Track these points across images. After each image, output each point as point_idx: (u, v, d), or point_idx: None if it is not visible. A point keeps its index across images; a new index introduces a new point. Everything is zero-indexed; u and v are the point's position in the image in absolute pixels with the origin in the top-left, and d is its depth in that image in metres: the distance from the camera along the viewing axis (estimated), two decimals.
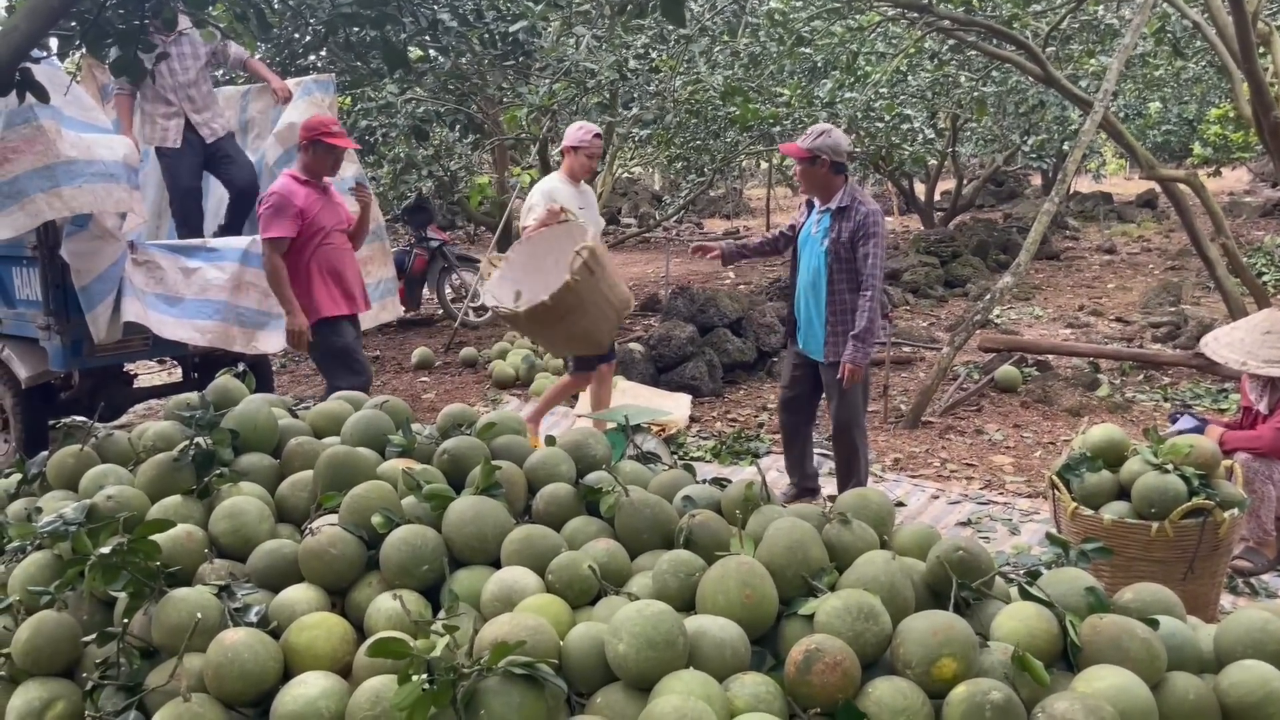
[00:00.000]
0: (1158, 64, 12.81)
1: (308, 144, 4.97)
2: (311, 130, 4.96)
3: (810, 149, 4.54)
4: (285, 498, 2.57)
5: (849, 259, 4.57)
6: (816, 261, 4.67)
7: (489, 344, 8.85)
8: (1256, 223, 16.47)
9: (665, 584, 2.14)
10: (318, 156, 4.98)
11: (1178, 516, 3.37)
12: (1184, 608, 2.23)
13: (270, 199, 4.85)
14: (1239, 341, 4.18)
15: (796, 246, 4.86)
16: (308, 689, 1.91)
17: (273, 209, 4.83)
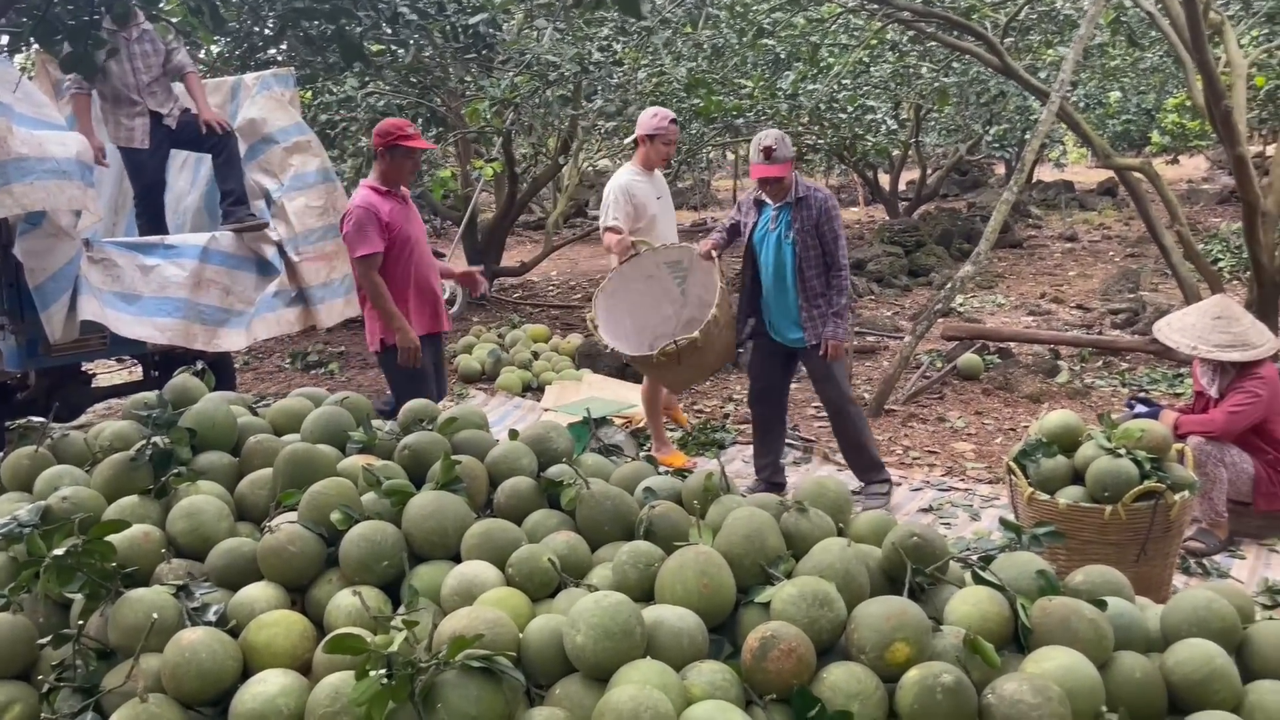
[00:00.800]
0: (1115, 54, 12.95)
1: (384, 150, 4.61)
2: (387, 135, 4.61)
3: (786, 160, 4.65)
4: (244, 496, 2.56)
5: (815, 245, 4.70)
6: (782, 256, 4.76)
7: (454, 338, 8.81)
8: (1213, 209, 16.73)
9: (625, 575, 2.15)
10: (396, 163, 4.64)
11: (1130, 500, 3.44)
12: (1134, 589, 2.27)
13: (352, 215, 4.55)
14: (1190, 327, 4.26)
15: (752, 247, 4.92)
16: (267, 687, 1.91)
17: (356, 226, 4.52)
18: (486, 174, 8.07)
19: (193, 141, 5.88)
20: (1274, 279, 6.45)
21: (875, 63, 10.62)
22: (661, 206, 5.44)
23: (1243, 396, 4.13)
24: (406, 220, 4.69)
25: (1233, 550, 4.22)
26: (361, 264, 4.55)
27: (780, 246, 4.77)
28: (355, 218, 4.53)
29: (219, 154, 5.79)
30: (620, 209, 5.31)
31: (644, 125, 5.36)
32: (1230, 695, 1.96)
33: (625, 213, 5.31)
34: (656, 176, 5.51)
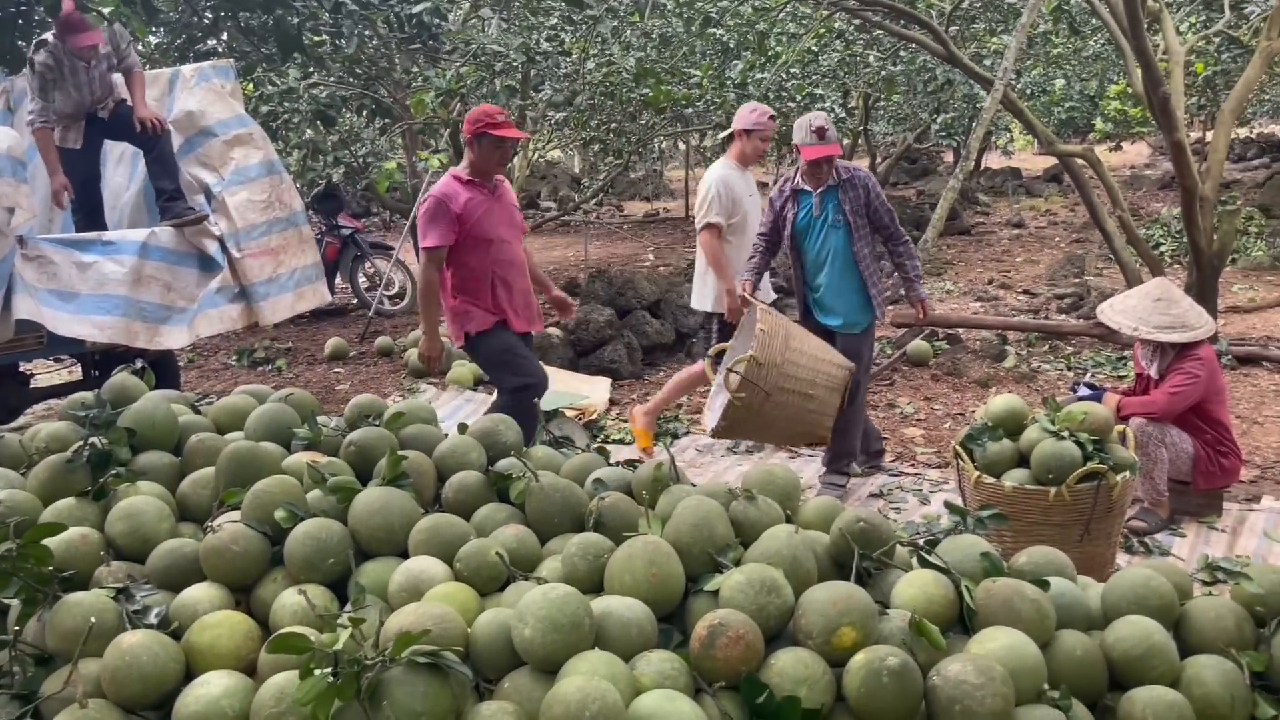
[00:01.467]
0: (1058, 42, 13.16)
1: (472, 139, 4.40)
2: (476, 123, 4.38)
3: (837, 140, 4.69)
4: (186, 496, 2.51)
5: (866, 224, 4.75)
6: (832, 240, 4.77)
7: (404, 333, 8.74)
8: (1155, 195, 17.06)
9: (574, 567, 2.15)
10: (483, 152, 4.42)
11: (1073, 481, 3.51)
12: (1077, 569, 2.31)
13: (426, 203, 4.38)
14: (1132, 309, 4.34)
15: (794, 237, 4.87)
16: (210, 689, 1.88)
17: (428, 214, 4.34)
18: (433, 165, 7.99)
19: (125, 134, 5.76)
20: (1212, 262, 6.59)
21: (823, 52, 10.68)
22: (752, 204, 5.34)
23: (1182, 378, 4.22)
24: (488, 213, 4.46)
25: (1174, 529, 4.31)
26: (424, 255, 4.40)
27: (829, 232, 4.77)
28: (428, 207, 4.38)
29: (150, 150, 5.66)
30: (720, 204, 5.18)
31: (742, 120, 5.24)
32: (1168, 670, 2.00)
33: (724, 208, 5.19)
34: (748, 173, 5.40)
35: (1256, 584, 2.17)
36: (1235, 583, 2.22)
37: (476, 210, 4.40)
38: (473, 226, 4.40)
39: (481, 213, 4.42)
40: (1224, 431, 4.33)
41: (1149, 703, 1.92)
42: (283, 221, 6.03)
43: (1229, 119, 7.05)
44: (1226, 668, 2.00)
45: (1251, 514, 4.42)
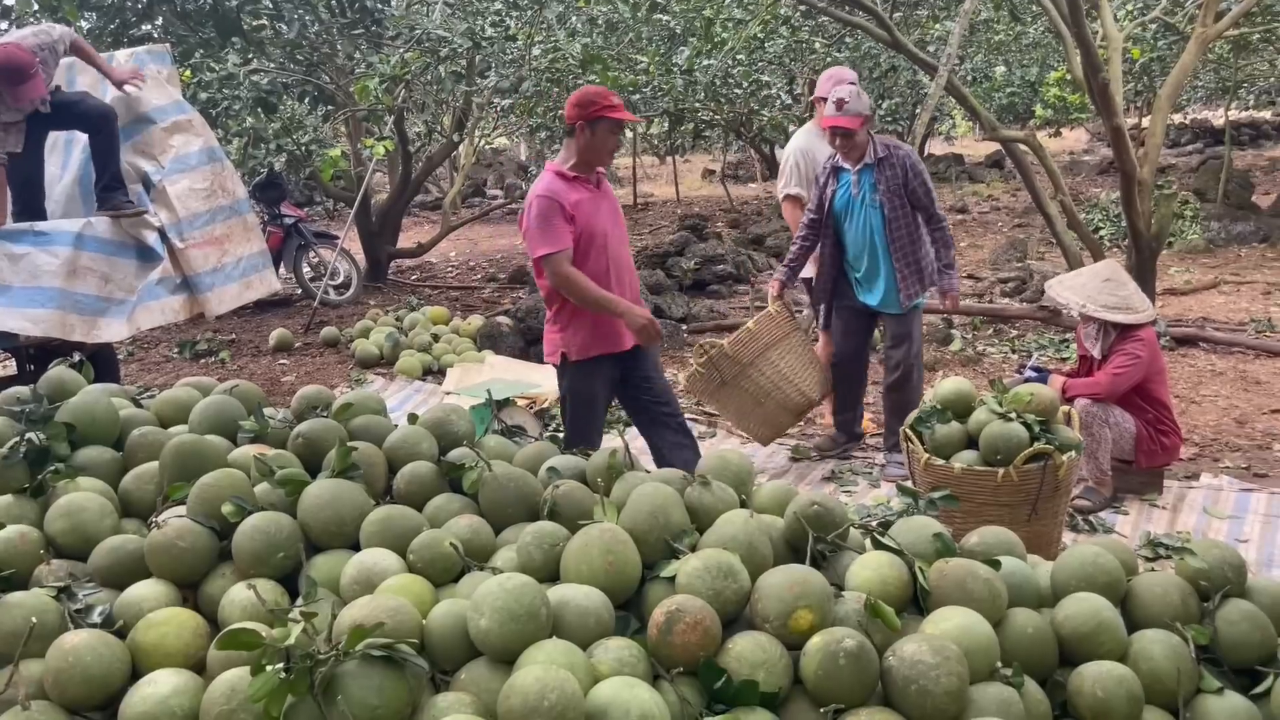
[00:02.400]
0: (1000, 29, 13.32)
1: (585, 124, 3.76)
2: (589, 105, 3.75)
3: (859, 115, 4.57)
4: (130, 492, 2.45)
5: (904, 204, 4.69)
6: (870, 221, 4.74)
7: (350, 323, 8.63)
8: (1094, 180, 17.39)
9: (529, 556, 2.13)
10: (599, 140, 3.80)
11: (1021, 461, 3.56)
12: (1026, 547, 2.35)
13: (532, 207, 3.76)
14: (1081, 286, 4.42)
15: (833, 217, 4.84)
16: (158, 688, 1.83)
17: (540, 219, 3.75)
18: (378, 153, 7.88)
19: (70, 121, 5.55)
20: (1150, 245, 6.73)
21: (769, 38, 10.69)
22: None
23: (1124, 359, 4.30)
24: (596, 211, 3.87)
25: (1117, 506, 4.40)
26: (548, 265, 3.75)
27: (867, 212, 4.74)
28: (537, 209, 3.75)
29: (99, 131, 5.42)
30: (799, 175, 5.09)
31: (821, 87, 5.14)
32: (1116, 646, 2.04)
33: (805, 178, 5.09)
34: None
35: (1200, 559, 2.21)
36: (1179, 558, 2.27)
37: (586, 209, 3.83)
38: (584, 228, 3.82)
39: (591, 211, 3.85)
40: (1164, 411, 4.43)
41: (1098, 677, 1.95)
42: (226, 210, 5.91)
43: (1166, 105, 7.19)
44: (1173, 642, 2.04)
45: (1191, 491, 4.53)
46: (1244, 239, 10.97)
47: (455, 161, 14.44)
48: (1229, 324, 7.47)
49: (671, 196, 18.75)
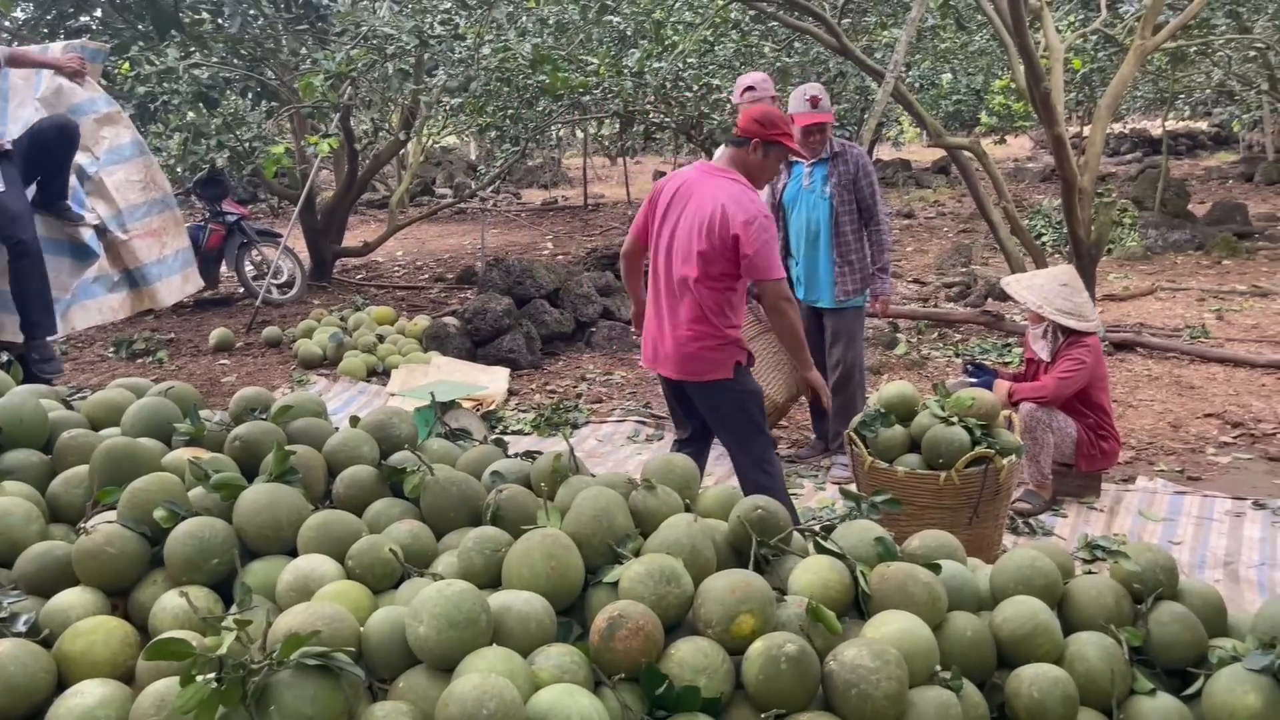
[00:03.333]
0: (946, 37, 13.50)
1: (762, 144, 3.60)
2: (773, 128, 3.59)
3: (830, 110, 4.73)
4: (58, 496, 2.39)
5: (851, 201, 4.79)
6: (817, 213, 4.84)
7: (293, 323, 8.49)
8: (1037, 187, 17.70)
9: (471, 562, 2.11)
10: (770, 161, 3.68)
11: (962, 465, 3.62)
12: (967, 550, 2.37)
13: (763, 226, 3.50)
14: (1039, 287, 4.49)
15: (782, 206, 4.96)
16: (85, 698, 1.78)
17: (771, 235, 3.55)
18: (323, 150, 7.76)
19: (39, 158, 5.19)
20: (1090, 252, 6.86)
21: (719, 41, 10.72)
22: None
23: (1071, 364, 4.37)
24: None
25: (1056, 509, 4.48)
26: (777, 289, 3.57)
27: (815, 204, 4.83)
28: (769, 227, 3.54)
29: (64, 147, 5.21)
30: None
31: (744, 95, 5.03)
32: (1052, 648, 2.06)
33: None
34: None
35: (1134, 562, 2.25)
36: (1114, 561, 2.31)
37: None
38: None
39: None
40: (1105, 416, 4.52)
41: (1035, 679, 1.97)
42: (159, 203, 5.82)
43: (1105, 114, 7.34)
44: (1107, 644, 2.07)
45: (1127, 494, 4.62)
46: (1180, 246, 11.23)
47: (403, 159, 14.31)
48: (1165, 330, 7.64)
49: (623, 198, 18.75)
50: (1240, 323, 7.85)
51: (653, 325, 3.72)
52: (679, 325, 3.60)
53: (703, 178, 3.65)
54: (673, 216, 3.64)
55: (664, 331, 3.66)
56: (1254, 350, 6.88)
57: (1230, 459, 4.99)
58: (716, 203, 3.53)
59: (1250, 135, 20.81)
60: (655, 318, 3.71)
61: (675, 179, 3.70)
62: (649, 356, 3.77)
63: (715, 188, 3.58)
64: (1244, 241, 11.17)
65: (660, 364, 3.71)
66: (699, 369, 3.61)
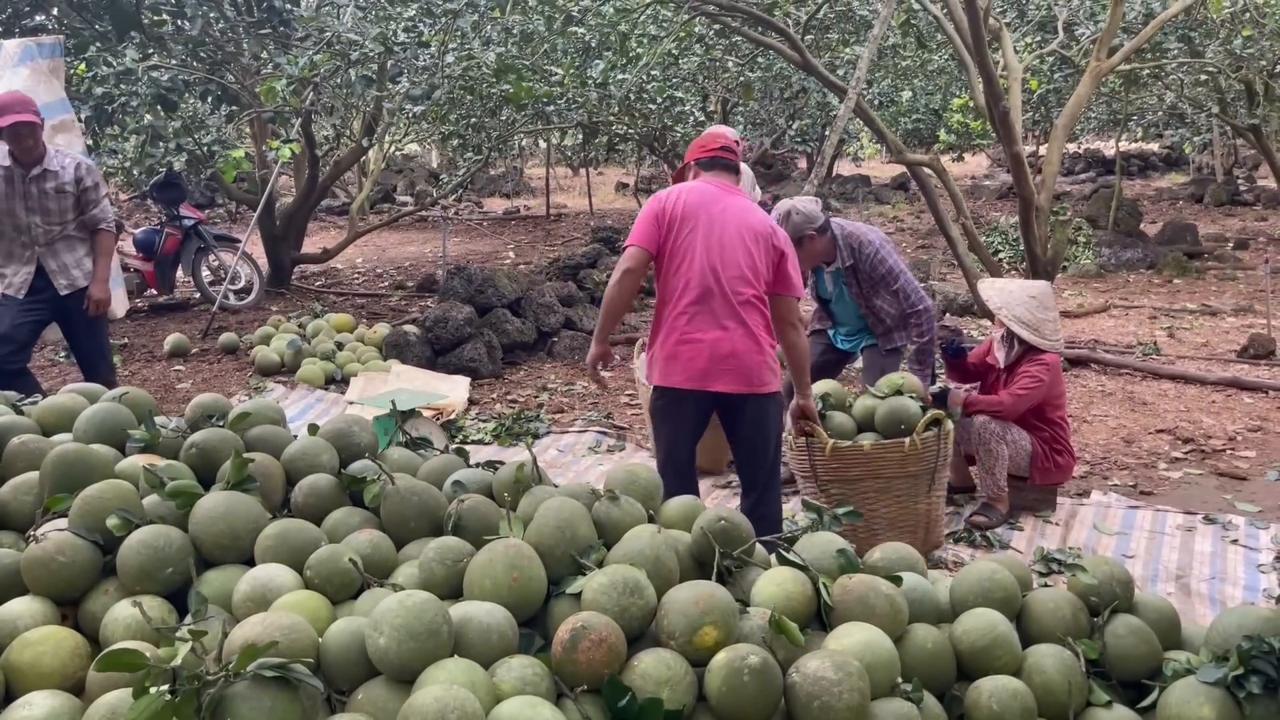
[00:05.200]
0: (907, 55, 13.67)
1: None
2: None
3: (803, 235, 4.48)
4: (6, 503, 2.33)
5: (881, 294, 4.79)
6: (845, 302, 4.97)
7: (251, 329, 8.39)
8: (994, 204, 17.96)
9: (432, 572, 2.09)
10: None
11: (922, 429, 3.89)
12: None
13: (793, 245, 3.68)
14: (1008, 293, 4.53)
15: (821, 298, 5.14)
16: (32, 710, 1.74)
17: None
18: (283, 155, 7.69)
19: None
20: (1046, 269, 6.96)
21: (683, 55, 10.78)
22: None
23: (1028, 380, 4.43)
24: None
25: (1012, 523, 4.52)
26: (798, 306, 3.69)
27: (843, 298, 4.96)
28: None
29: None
30: None
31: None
32: (1011, 660, 2.08)
33: None
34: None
35: (1090, 575, 2.28)
36: (1071, 574, 2.33)
37: None
38: None
39: None
40: (1060, 431, 4.57)
41: (994, 691, 1.99)
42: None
43: (1062, 134, 7.46)
44: (1064, 656, 2.09)
45: (1082, 508, 4.68)
46: (1132, 265, 11.44)
47: (364, 166, 14.20)
48: (1118, 346, 7.77)
49: (584, 208, 18.75)
50: (1190, 340, 8.00)
51: (708, 339, 3.48)
52: (748, 337, 3.49)
53: (724, 194, 3.58)
54: (706, 230, 3.51)
55: (728, 344, 3.47)
56: (1204, 368, 7.02)
57: (1182, 474, 5.08)
58: (766, 219, 3.58)
59: (1200, 157, 21.28)
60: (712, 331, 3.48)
61: (685, 193, 3.59)
62: (699, 373, 3.49)
63: (747, 203, 3.60)
64: (1194, 261, 11.41)
65: (718, 379, 3.48)
66: (763, 380, 3.53)
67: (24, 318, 4.87)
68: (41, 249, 4.86)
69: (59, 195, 4.82)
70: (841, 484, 3.92)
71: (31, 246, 4.84)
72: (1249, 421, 5.82)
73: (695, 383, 3.48)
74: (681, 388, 3.50)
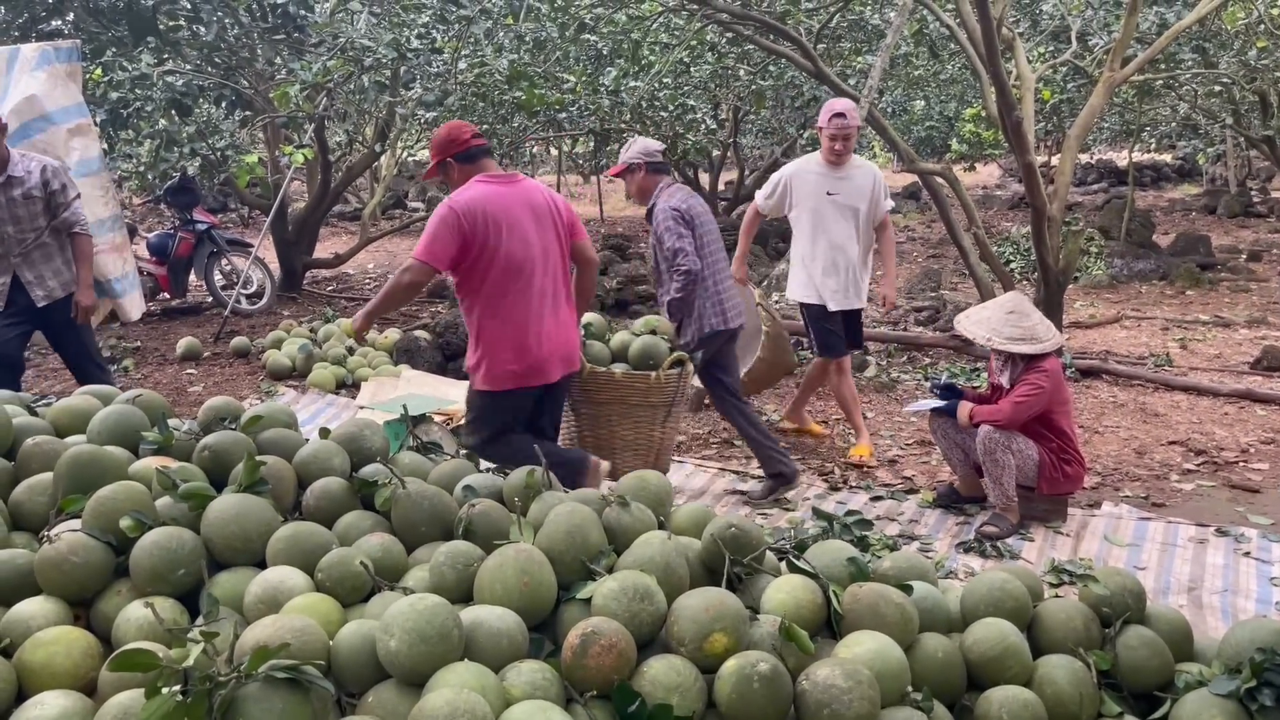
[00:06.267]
0: (919, 65, 13.67)
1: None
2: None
3: (623, 162, 4.76)
4: (21, 503, 2.35)
5: (655, 254, 4.78)
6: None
7: (263, 333, 8.41)
8: (1005, 214, 17.91)
9: (443, 576, 2.09)
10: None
11: (667, 366, 4.39)
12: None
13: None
14: (986, 320, 4.52)
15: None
16: (45, 710, 1.75)
17: None
18: (297, 161, 7.72)
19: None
20: (1058, 279, 6.94)
21: (695, 63, 10.80)
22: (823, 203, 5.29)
23: (1027, 388, 4.41)
24: None
25: (1023, 533, 4.51)
26: None
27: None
28: None
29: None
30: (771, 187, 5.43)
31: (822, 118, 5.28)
32: (1022, 670, 2.08)
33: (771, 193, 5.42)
34: (837, 171, 5.30)
35: (1102, 586, 2.27)
36: (1083, 585, 2.33)
37: None
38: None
39: None
40: (1068, 440, 4.55)
41: (1004, 702, 1.99)
42: (119, 219, 5.83)
43: (1075, 144, 7.45)
44: (1075, 667, 2.09)
45: (1093, 519, 4.66)
46: (1145, 276, 11.40)
47: (376, 172, 14.24)
48: (1130, 358, 7.74)
49: (595, 216, 18.78)
50: (1203, 352, 7.97)
51: (551, 332, 3.79)
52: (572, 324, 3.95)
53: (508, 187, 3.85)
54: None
55: (561, 333, 3.84)
56: (1216, 379, 6.98)
57: (1194, 486, 5.06)
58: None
59: (1213, 168, 21.20)
60: (548, 322, 3.79)
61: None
62: (551, 369, 3.81)
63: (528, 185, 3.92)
64: (1207, 273, 11.36)
65: (563, 364, 3.86)
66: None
67: (9, 332, 4.76)
68: (16, 259, 4.70)
69: (27, 201, 4.66)
70: (591, 405, 4.39)
71: (6, 257, 4.69)
72: (1262, 434, 5.79)
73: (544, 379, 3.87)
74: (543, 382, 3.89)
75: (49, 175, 4.71)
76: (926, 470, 5.35)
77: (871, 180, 5.32)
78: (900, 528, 4.53)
